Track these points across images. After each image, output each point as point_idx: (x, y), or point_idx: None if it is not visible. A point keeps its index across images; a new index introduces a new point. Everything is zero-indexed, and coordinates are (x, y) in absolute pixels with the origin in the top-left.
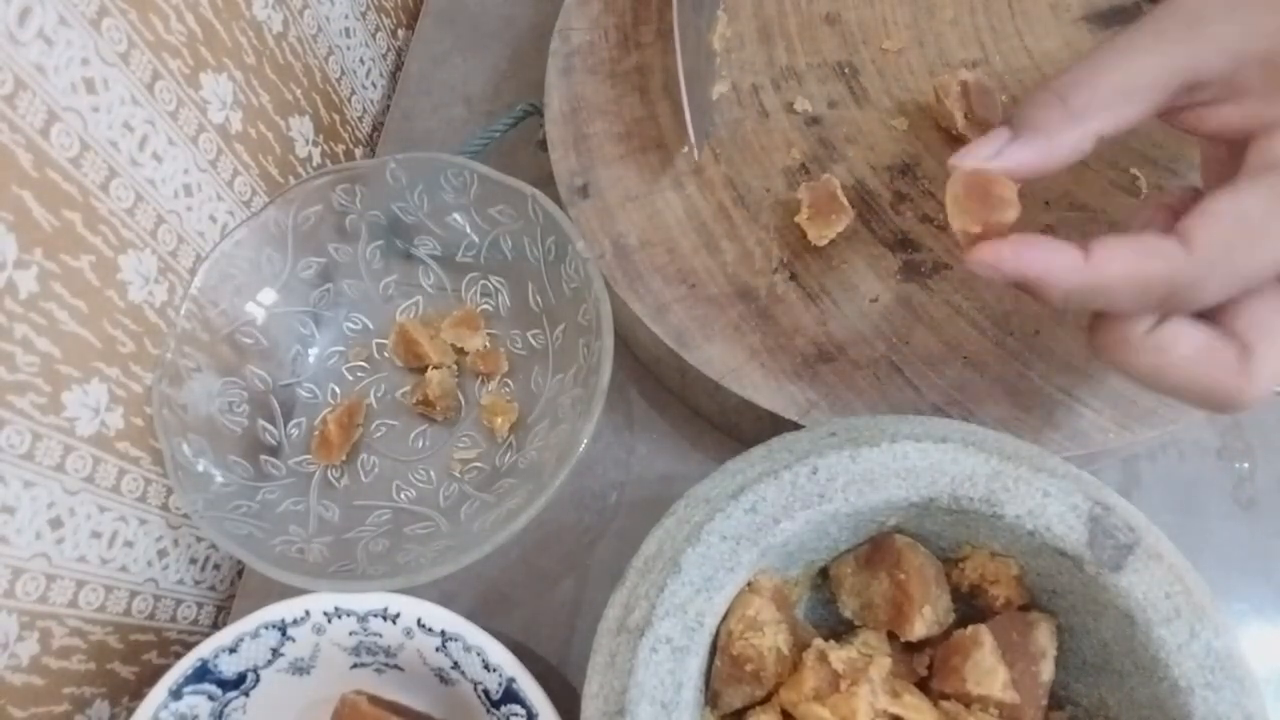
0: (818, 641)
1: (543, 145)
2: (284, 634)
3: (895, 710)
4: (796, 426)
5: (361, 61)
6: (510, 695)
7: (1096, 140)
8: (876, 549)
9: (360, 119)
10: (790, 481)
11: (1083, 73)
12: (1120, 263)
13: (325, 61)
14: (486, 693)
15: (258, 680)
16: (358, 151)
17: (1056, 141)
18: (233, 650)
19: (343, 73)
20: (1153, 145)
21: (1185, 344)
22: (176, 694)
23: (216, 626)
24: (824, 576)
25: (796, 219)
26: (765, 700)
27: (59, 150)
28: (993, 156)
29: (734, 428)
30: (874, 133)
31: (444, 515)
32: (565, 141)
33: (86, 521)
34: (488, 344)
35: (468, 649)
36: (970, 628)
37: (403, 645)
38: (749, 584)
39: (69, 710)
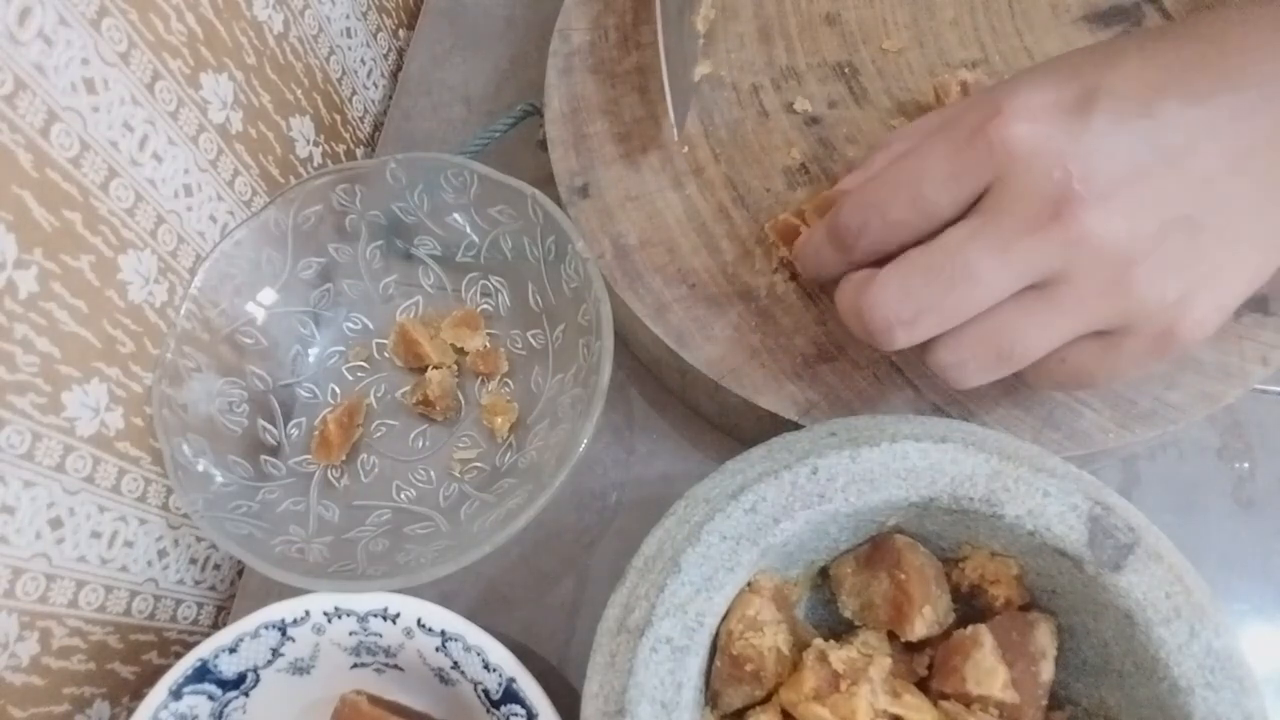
0: (818, 641)
1: (543, 145)
2: (284, 634)
3: (895, 710)
4: (796, 426)
5: (363, 62)
6: (510, 695)
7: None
8: (876, 549)
9: (362, 119)
10: (790, 481)
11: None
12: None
13: (326, 62)
14: (486, 693)
15: (258, 680)
16: (359, 152)
17: (869, 171)
18: (233, 650)
19: (344, 73)
20: None
21: (854, 278)
22: (176, 694)
23: (216, 626)
24: (824, 576)
25: (785, 216)
26: (765, 700)
27: (59, 150)
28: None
29: (734, 428)
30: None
31: (444, 515)
32: (565, 141)
33: (86, 521)
34: (488, 344)
35: (468, 649)
36: (970, 628)
37: (403, 645)
38: (749, 584)
39: (69, 710)
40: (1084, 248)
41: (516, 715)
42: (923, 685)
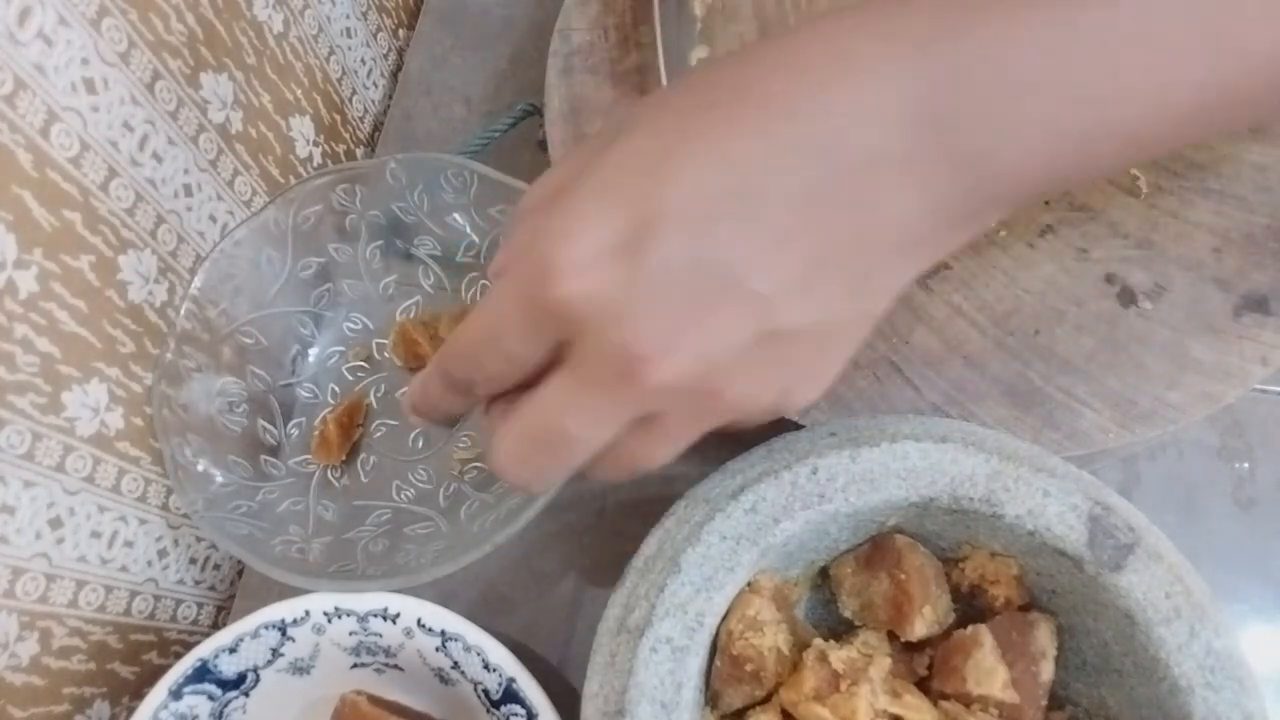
0: (818, 641)
1: (543, 145)
2: (284, 634)
3: (895, 710)
4: (796, 426)
5: (363, 62)
6: (510, 695)
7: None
8: (876, 549)
9: (362, 119)
10: (790, 481)
11: None
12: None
13: (326, 61)
14: (486, 693)
15: (258, 680)
16: (359, 152)
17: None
18: (233, 650)
19: (344, 73)
20: None
21: (492, 411)
22: (176, 694)
23: (216, 626)
24: (824, 576)
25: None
26: (765, 700)
27: (59, 150)
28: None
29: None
30: None
31: (444, 515)
32: (565, 141)
33: (86, 521)
34: None
35: (468, 649)
36: (970, 628)
37: (403, 645)
38: (749, 584)
39: (69, 710)
40: (668, 394)
41: (516, 715)
42: (923, 685)
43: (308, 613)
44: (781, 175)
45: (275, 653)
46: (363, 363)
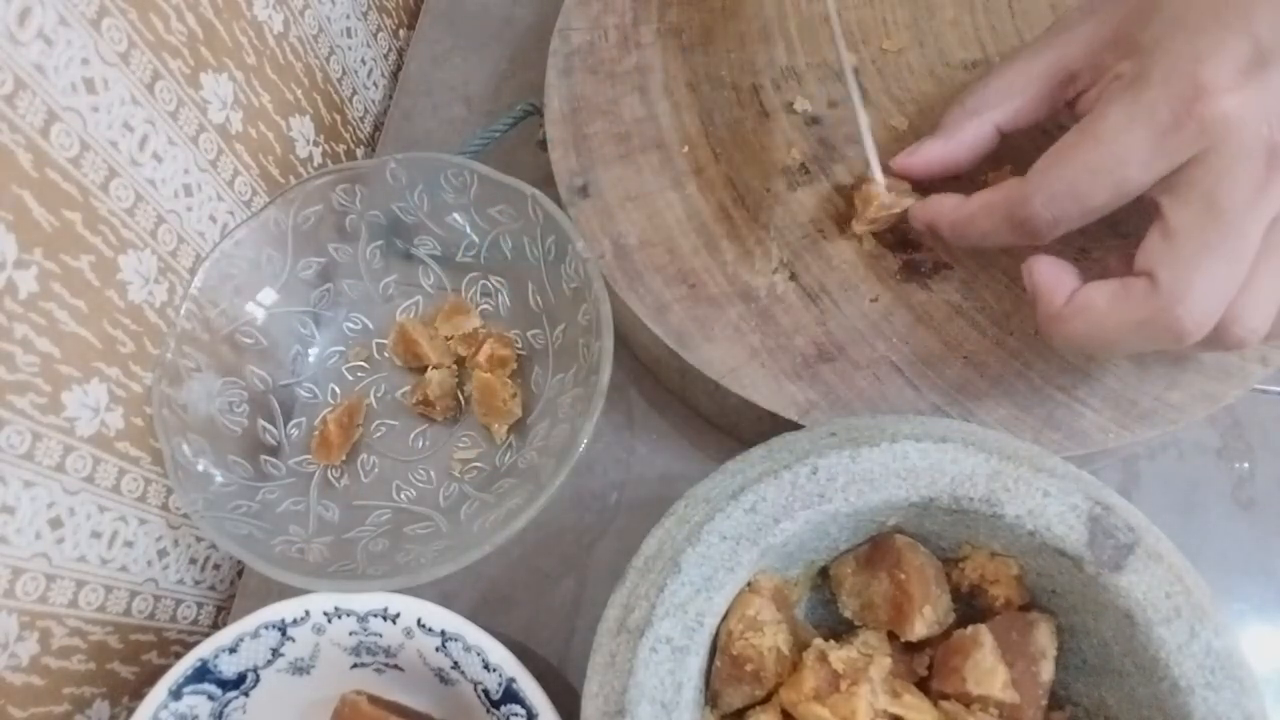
0: (818, 641)
1: (543, 145)
2: (284, 634)
3: (895, 710)
4: (796, 426)
5: (363, 62)
6: (510, 695)
7: (995, 130)
8: (876, 549)
9: (362, 119)
10: (790, 481)
11: (977, 83)
12: (979, 196)
13: (326, 61)
14: (486, 693)
15: (258, 680)
16: (359, 152)
17: (957, 135)
18: (233, 650)
19: (344, 73)
20: None
21: (1098, 296)
22: (176, 694)
23: (216, 626)
24: (824, 576)
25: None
26: (765, 700)
27: (59, 150)
28: (911, 154)
29: (734, 428)
30: (874, 133)
31: (444, 515)
32: (565, 141)
33: (86, 521)
34: (481, 325)
35: (468, 649)
36: (970, 628)
37: (403, 645)
38: (749, 584)
39: (69, 710)
40: None
41: (516, 715)
42: (923, 685)
43: (308, 613)
44: None
45: (275, 653)
46: (363, 363)
